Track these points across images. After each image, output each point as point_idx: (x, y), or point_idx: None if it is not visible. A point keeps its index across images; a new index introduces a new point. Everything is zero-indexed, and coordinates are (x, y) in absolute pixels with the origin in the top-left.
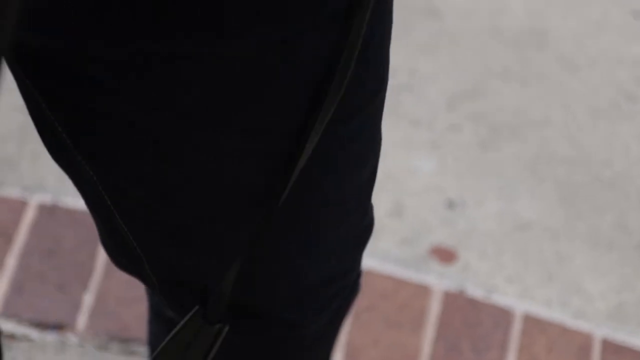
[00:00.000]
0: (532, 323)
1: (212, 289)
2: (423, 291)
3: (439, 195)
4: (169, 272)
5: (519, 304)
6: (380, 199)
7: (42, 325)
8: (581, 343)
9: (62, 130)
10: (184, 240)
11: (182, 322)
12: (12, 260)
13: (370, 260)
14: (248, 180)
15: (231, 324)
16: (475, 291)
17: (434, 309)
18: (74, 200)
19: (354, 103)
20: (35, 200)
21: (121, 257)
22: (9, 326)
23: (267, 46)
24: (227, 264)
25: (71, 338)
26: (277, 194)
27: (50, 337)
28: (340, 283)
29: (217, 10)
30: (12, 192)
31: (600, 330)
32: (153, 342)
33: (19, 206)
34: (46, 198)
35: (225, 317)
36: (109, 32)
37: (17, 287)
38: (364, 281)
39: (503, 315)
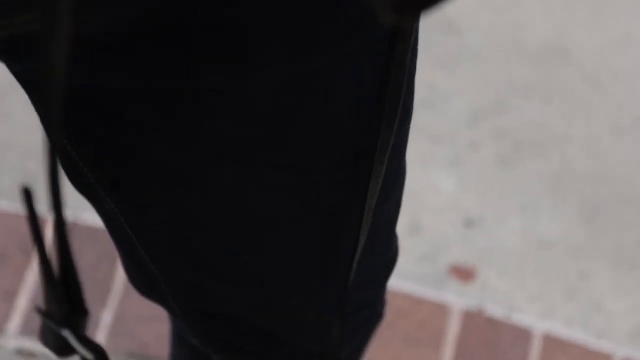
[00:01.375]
0: (553, 343)
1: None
2: (442, 310)
3: (459, 213)
4: (192, 301)
5: (540, 324)
6: (399, 217)
7: None
8: None
9: (84, 164)
10: (209, 271)
11: None
12: (32, 277)
13: None
14: (278, 214)
15: (257, 355)
16: (495, 310)
17: (453, 327)
18: (94, 218)
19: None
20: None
21: (144, 284)
22: (28, 344)
23: (291, 80)
24: (252, 294)
25: None
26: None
27: None
28: (365, 314)
29: (241, 45)
30: None
31: (622, 351)
32: None
33: (40, 224)
34: (66, 215)
35: None
36: (128, 70)
37: (36, 304)
38: None
39: (523, 335)
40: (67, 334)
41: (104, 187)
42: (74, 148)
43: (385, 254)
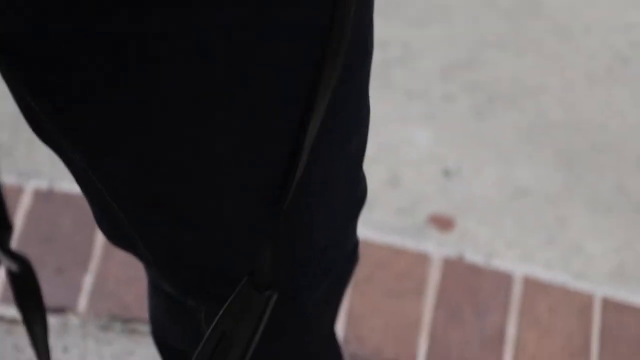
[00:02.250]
0: (533, 285)
1: (216, 265)
2: (422, 259)
3: (436, 165)
4: (163, 248)
5: (519, 267)
6: (376, 171)
7: None
8: (582, 303)
9: (44, 115)
10: (177, 218)
11: (233, 294)
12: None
13: (368, 230)
14: (240, 157)
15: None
16: (475, 257)
17: (434, 276)
18: (70, 184)
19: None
20: (31, 186)
21: (116, 234)
22: (10, 312)
23: (238, 24)
24: (222, 239)
25: (73, 320)
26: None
27: (52, 320)
28: (334, 253)
29: None
30: (8, 179)
31: (600, 290)
32: (153, 316)
33: (15, 193)
34: (42, 184)
35: (272, 284)
36: (75, 15)
37: None
38: (362, 252)
39: (503, 279)
40: None
41: (64, 137)
42: (33, 98)
43: (350, 193)
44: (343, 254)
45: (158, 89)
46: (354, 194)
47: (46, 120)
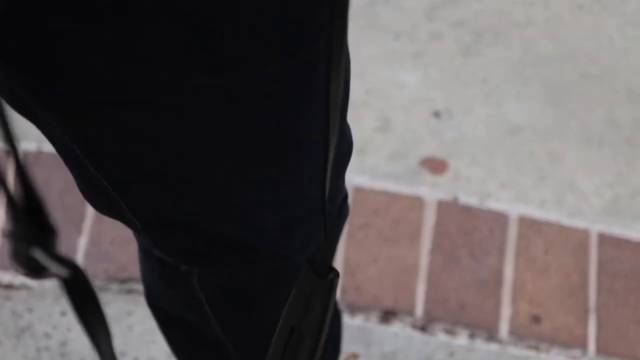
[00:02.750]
0: (528, 225)
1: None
2: (416, 203)
3: (426, 106)
4: (149, 214)
5: (514, 207)
6: (366, 115)
7: None
8: (578, 240)
9: (18, 85)
10: (159, 182)
11: (296, 285)
12: (1, 212)
13: (361, 177)
14: (222, 120)
15: (221, 261)
16: (469, 199)
17: (429, 220)
18: None
19: (318, 21)
20: (20, 149)
21: (100, 202)
22: (7, 277)
23: None
24: (204, 201)
25: None
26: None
27: (48, 284)
28: (325, 209)
29: None
30: None
31: (596, 226)
32: (146, 280)
33: (4, 157)
34: (30, 146)
35: (331, 267)
36: None
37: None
38: (357, 199)
39: (498, 220)
40: (37, 252)
41: (42, 105)
42: (3, 68)
43: (339, 143)
44: (333, 208)
45: (135, 51)
46: (340, 147)
47: (20, 88)
